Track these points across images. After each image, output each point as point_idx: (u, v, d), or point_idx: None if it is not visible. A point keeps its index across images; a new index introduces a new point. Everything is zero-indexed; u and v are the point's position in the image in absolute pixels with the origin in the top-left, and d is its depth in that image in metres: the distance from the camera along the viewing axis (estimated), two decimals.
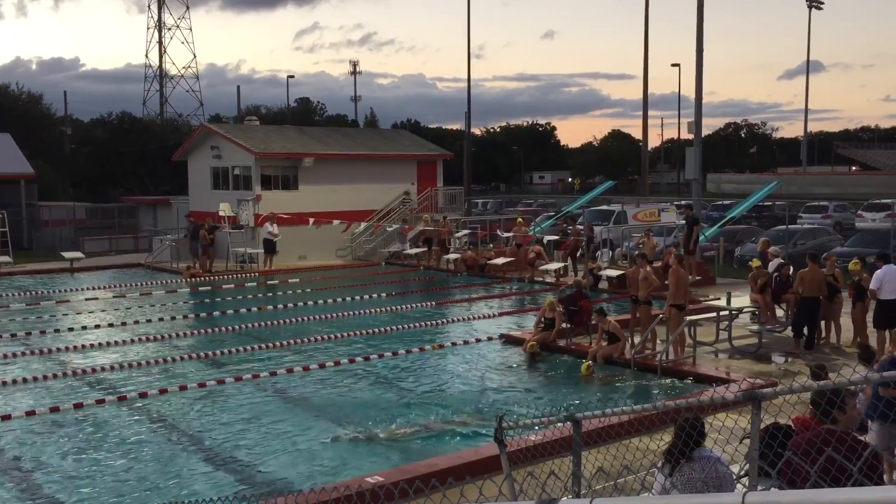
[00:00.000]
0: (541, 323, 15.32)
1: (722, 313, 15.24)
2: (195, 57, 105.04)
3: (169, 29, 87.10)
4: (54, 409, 11.43)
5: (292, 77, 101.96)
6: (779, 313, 15.65)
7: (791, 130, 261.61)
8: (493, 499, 4.58)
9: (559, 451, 6.65)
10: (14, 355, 15.00)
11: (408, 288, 23.67)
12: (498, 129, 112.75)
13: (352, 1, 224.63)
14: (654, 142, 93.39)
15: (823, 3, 68.38)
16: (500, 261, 25.52)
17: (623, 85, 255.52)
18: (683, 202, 34.03)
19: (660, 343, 14.00)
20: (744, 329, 15.48)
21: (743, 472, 5.29)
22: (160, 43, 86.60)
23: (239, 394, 12.39)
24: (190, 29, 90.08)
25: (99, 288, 24.14)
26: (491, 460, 7.96)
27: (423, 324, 17.78)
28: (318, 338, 16.13)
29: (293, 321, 18.27)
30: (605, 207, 34.58)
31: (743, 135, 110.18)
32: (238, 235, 28.01)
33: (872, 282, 13.62)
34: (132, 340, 16.22)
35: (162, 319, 18.61)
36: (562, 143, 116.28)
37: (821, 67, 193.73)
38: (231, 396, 12.26)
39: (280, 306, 20.24)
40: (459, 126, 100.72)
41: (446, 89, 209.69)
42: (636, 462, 6.71)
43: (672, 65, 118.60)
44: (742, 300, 15.79)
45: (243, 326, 17.52)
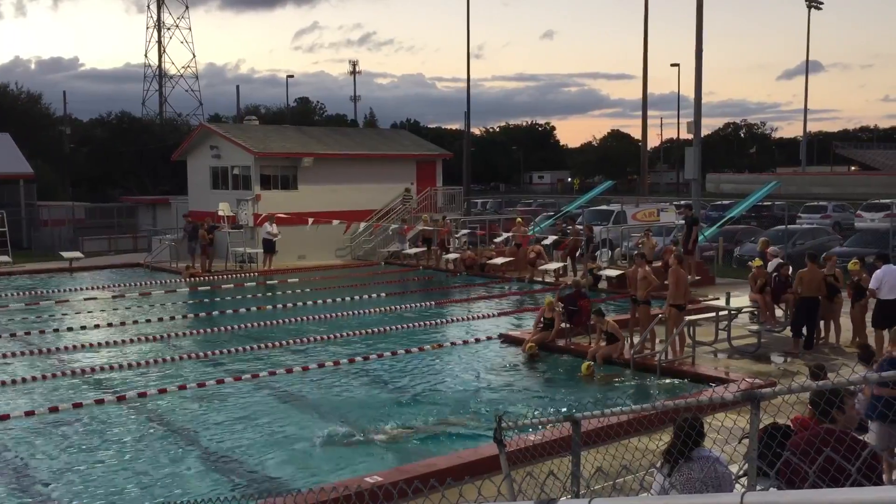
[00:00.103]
0: (540, 323, 15.32)
1: (721, 313, 15.25)
2: (194, 56, 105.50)
3: (168, 28, 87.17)
4: (53, 409, 11.43)
5: (291, 77, 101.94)
6: (778, 313, 15.65)
7: (790, 130, 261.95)
8: (492, 499, 4.58)
9: (558, 451, 6.66)
10: (13, 355, 15.00)
11: (407, 288, 23.67)
12: (497, 129, 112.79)
13: (351, 1, 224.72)
14: (654, 142, 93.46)
15: (822, 3, 68.41)
16: (500, 261, 25.52)
17: (622, 85, 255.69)
18: (683, 202, 34.03)
19: (659, 343, 14.01)
20: (743, 329, 15.48)
21: (742, 472, 5.29)
22: (159, 43, 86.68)
23: (238, 393, 12.38)
24: (189, 28, 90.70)
25: (98, 288, 24.14)
26: (490, 460, 7.97)
27: (423, 324, 17.78)
28: (317, 338, 16.13)
29: (292, 321, 18.26)
30: (605, 207, 34.59)
31: (742, 135, 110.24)
32: (237, 235, 28.01)
33: (872, 282, 13.63)
34: (131, 340, 16.22)
35: (161, 319, 18.61)
36: (561, 143, 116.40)
37: (820, 67, 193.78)
38: (230, 396, 12.25)
39: (279, 306, 20.24)
40: (459, 126, 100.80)
41: (445, 89, 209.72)
42: (635, 462, 6.72)
43: (671, 65, 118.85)
44: (741, 300, 15.79)
45: (242, 326, 17.52)
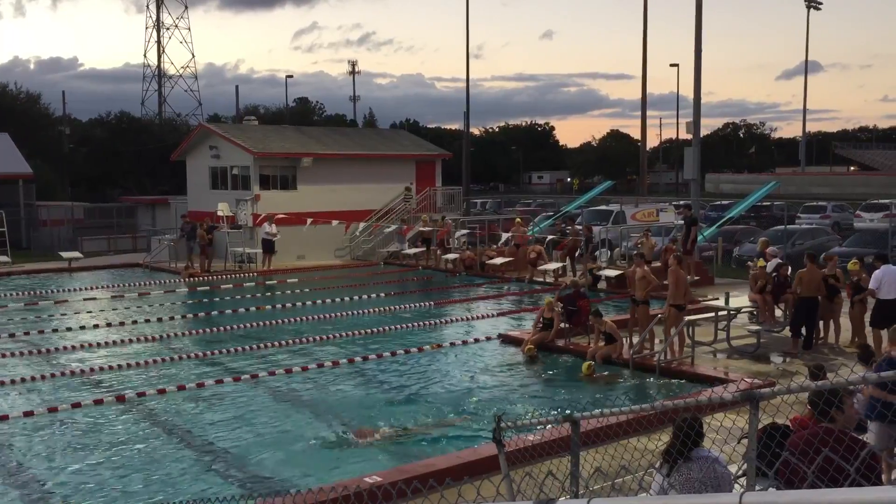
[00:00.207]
0: (539, 323, 15.32)
1: (720, 313, 15.25)
2: (194, 56, 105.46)
3: (167, 28, 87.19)
4: (52, 409, 11.42)
5: (291, 77, 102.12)
6: (777, 313, 15.66)
7: (789, 130, 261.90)
8: (491, 499, 4.58)
9: (557, 452, 6.66)
10: (12, 355, 14.99)
11: (406, 288, 23.66)
12: (496, 129, 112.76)
13: (350, 1, 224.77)
14: (653, 142, 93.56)
15: (822, 4, 68.47)
16: (499, 261, 25.52)
17: (622, 85, 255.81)
18: (682, 202, 34.02)
19: (658, 343, 14.01)
20: (742, 329, 15.48)
21: (741, 472, 5.29)
22: (159, 43, 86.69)
23: (237, 394, 12.38)
24: (188, 28, 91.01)
25: (97, 288, 24.13)
26: (489, 460, 7.96)
27: (422, 324, 17.77)
28: (317, 338, 16.13)
29: (292, 321, 18.26)
30: (604, 207, 34.60)
31: (741, 135, 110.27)
32: (236, 235, 28.00)
33: (871, 282, 13.64)
34: (130, 340, 16.21)
35: (160, 319, 18.61)
36: (560, 143, 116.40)
37: (819, 68, 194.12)
38: (229, 396, 12.25)
39: (278, 306, 20.23)
40: (458, 126, 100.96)
41: (445, 89, 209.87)
42: (634, 462, 6.72)
43: (671, 65, 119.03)
44: (740, 300, 15.79)
45: (241, 326, 17.51)
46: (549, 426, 8.38)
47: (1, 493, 8.68)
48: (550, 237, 26.96)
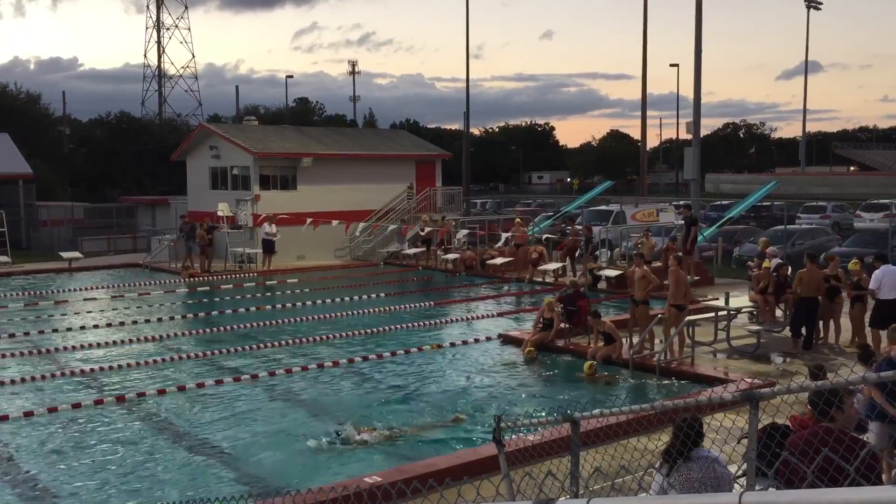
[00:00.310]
0: (539, 323, 15.32)
1: (720, 313, 15.25)
2: (194, 57, 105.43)
3: (167, 29, 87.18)
4: (52, 410, 11.42)
5: (291, 77, 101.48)
6: (777, 313, 15.65)
7: (789, 130, 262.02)
8: (491, 499, 4.58)
9: (557, 452, 6.66)
10: (12, 355, 14.99)
11: (406, 288, 23.66)
12: (496, 129, 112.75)
13: (350, 1, 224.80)
14: (653, 142, 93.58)
15: (822, 4, 68.45)
16: (499, 261, 25.52)
17: (621, 85, 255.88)
18: (682, 202, 34.01)
19: (658, 343, 14.01)
20: (742, 329, 15.48)
21: (741, 472, 5.29)
22: (159, 43, 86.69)
23: (237, 394, 12.38)
24: (188, 29, 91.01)
25: (97, 288, 24.13)
26: (489, 460, 7.96)
27: (422, 324, 17.77)
28: (317, 338, 16.13)
29: (292, 321, 18.26)
30: (604, 207, 34.60)
31: (741, 135, 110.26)
32: (236, 235, 28.00)
33: (871, 282, 13.63)
34: (130, 340, 16.21)
35: (160, 319, 18.61)
36: (560, 143, 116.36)
37: (819, 68, 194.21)
38: (229, 396, 12.24)
39: (279, 306, 20.24)
40: (458, 126, 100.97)
41: (445, 89, 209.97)
42: (634, 462, 6.71)
43: (671, 65, 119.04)
44: (740, 300, 15.79)
45: (241, 326, 17.51)
46: (549, 426, 8.38)
47: (1, 494, 8.68)
48: (546, 236, 26.97)
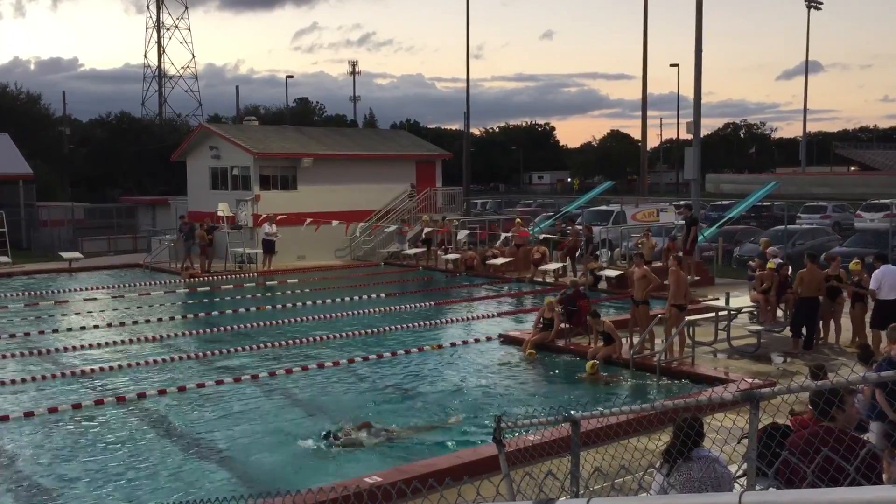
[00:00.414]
0: (539, 323, 15.31)
1: (721, 313, 15.24)
2: (194, 57, 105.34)
3: (167, 29, 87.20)
4: (53, 410, 11.42)
5: (291, 77, 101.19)
6: (777, 313, 15.65)
7: (790, 130, 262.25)
8: (491, 499, 4.58)
9: (557, 452, 6.66)
10: (13, 355, 14.99)
11: (406, 288, 23.66)
12: (497, 130, 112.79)
13: (350, 1, 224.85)
14: (653, 142, 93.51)
15: (822, 4, 68.45)
16: (500, 261, 25.52)
17: (622, 85, 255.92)
18: (682, 202, 34.02)
19: (659, 343, 14.00)
20: (742, 329, 15.47)
21: (741, 472, 5.29)
22: (159, 43, 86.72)
23: (237, 394, 12.38)
24: (188, 29, 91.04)
25: (97, 288, 24.13)
26: (490, 460, 7.96)
27: (422, 324, 17.77)
28: (317, 338, 16.13)
29: (292, 321, 18.26)
30: (604, 207, 34.60)
31: (742, 135, 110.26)
32: (237, 236, 28.00)
33: (871, 282, 13.62)
34: (131, 341, 16.21)
35: (161, 320, 18.61)
36: (561, 144, 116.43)
37: (819, 68, 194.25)
38: (229, 396, 12.24)
39: (279, 306, 20.24)
40: (458, 126, 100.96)
41: (445, 89, 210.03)
42: (634, 462, 6.71)
43: (671, 65, 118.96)
44: (741, 300, 15.79)
45: (242, 327, 17.51)
46: (550, 426, 8.37)
47: (1, 494, 8.68)
48: (544, 236, 26.98)
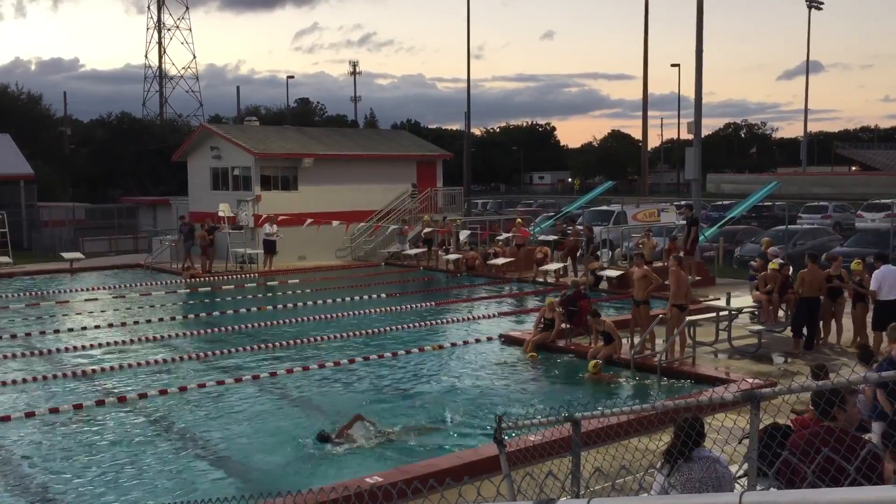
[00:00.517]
0: (540, 323, 15.31)
1: (721, 313, 15.24)
2: (195, 57, 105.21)
3: (168, 29, 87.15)
4: (54, 410, 11.42)
5: (292, 77, 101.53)
6: (778, 314, 15.64)
7: (790, 130, 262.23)
8: (492, 499, 4.58)
9: (558, 452, 6.66)
10: (14, 356, 14.99)
11: (407, 288, 23.66)
12: (497, 130, 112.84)
13: (351, 1, 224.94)
14: (654, 142, 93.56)
15: (822, 4, 68.40)
16: (501, 261, 25.52)
17: (622, 85, 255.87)
18: (683, 202, 34.03)
19: (659, 343, 14.00)
20: (743, 329, 15.47)
21: (742, 473, 5.29)
22: (160, 43, 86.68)
23: (238, 394, 12.38)
24: (189, 29, 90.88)
25: (98, 288, 24.13)
26: (490, 461, 7.96)
27: (423, 324, 17.77)
28: (318, 338, 16.13)
29: (293, 322, 18.27)
30: (605, 208, 34.60)
31: (742, 135, 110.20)
32: (237, 236, 28.01)
33: (872, 282, 13.62)
34: (132, 341, 16.21)
35: (162, 320, 18.61)
36: (561, 144, 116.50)
37: (820, 68, 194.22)
38: (230, 397, 12.25)
39: (280, 307, 20.24)
40: (459, 126, 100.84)
41: (446, 90, 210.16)
42: (635, 462, 6.71)
43: (672, 65, 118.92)
44: (741, 300, 15.78)
45: (243, 327, 17.52)
46: (551, 426, 8.37)
47: (2, 494, 8.68)
48: (543, 237, 26.96)
